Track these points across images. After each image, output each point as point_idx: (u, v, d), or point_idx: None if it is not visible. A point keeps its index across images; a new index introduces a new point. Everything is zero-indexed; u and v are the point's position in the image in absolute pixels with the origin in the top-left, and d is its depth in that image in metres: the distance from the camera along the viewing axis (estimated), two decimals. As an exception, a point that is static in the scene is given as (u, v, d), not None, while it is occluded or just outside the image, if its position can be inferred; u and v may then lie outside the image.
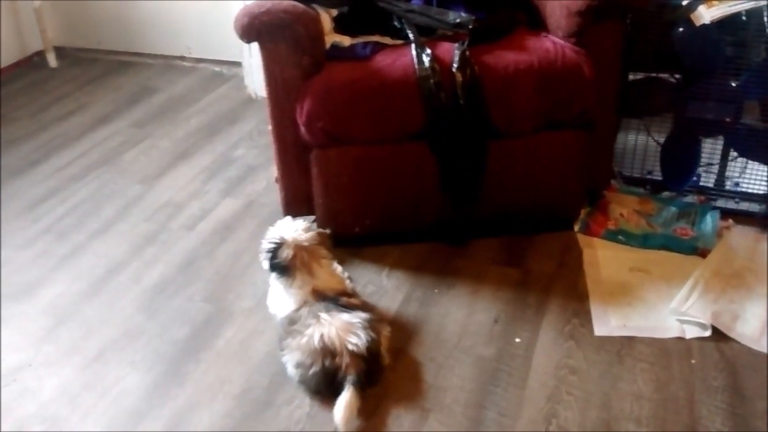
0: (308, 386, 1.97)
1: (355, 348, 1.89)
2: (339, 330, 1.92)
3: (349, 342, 1.89)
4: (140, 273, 2.51)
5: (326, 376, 1.90)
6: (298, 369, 1.96)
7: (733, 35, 2.43)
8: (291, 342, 1.97)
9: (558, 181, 2.50)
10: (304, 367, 1.93)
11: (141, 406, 1.98)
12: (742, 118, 2.51)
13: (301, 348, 1.94)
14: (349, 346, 1.89)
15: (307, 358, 1.92)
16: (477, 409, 1.92)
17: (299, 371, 1.95)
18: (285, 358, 2.00)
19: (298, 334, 1.96)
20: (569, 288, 2.34)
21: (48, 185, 3.10)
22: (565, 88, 2.33)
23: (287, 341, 1.99)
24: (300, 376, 1.96)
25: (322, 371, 1.90)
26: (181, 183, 3.07)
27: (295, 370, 1.97)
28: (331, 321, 1.94)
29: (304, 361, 1.93)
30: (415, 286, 2.38)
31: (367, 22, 2.56)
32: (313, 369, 1.91)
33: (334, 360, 1.89)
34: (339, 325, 1.93)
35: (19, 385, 2.07)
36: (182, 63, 4.32)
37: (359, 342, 1.90)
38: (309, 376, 1.93)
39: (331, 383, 1.89)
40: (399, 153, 2.39)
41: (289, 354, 1.98)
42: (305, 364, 1.93)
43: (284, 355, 2.00)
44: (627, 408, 1.91)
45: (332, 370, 1.89)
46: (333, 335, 1.91)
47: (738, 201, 2.69)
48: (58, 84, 4.14)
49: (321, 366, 1.90)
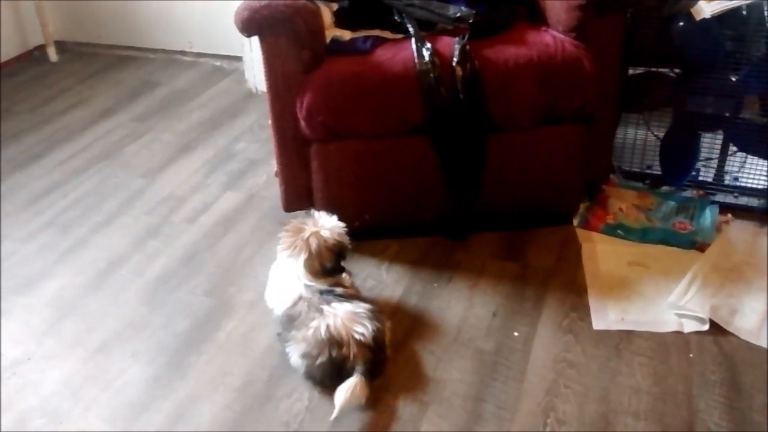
0: (314, 377, 1.98)
1: (362, 338, 1.90)
2: (345, 320, 1.93)
3: (355, 332, 1.90)
4: (142, 266, 2.53)
5: (333, 366, 1.91)
6: (304, 360, 1.97)
7: (733, 30, 2.42)
8: (296, 334, 1.98)
9: (557, 175, 2.50)
10: (311, 357, 1.94)
11: (143, 398, 2.00)
12: (742, 113, 2.51)
13: (307, 339, 1.94)
14: (356, 336, 1.90)
15: (313, 348, 1.93)
16: (476, 402, 1.94)
17: (305, 362, 1.96)
18: (289, 350, 2.01)
19: (303, 326, 1.96)
20: (568, 282, 2.35)
21: (50, 179, 3.11)
22: (565, 82, 2.33)
23: (292, 333, 2.00)
24: (306, 366, 1.97)
25: (329, 361, 1.91)
26: (183, 176, 3.08)
27: (300, 361, 1.98)
28: (335, 312, 1.95)
29: (311, 352, 1.94)
30: (414, 279, 2.39)
31: (367, 16, 2.56)
32: (320, 360, 1.92)
33: (341, 350, 1.90)
34: (344, 316, 1.94)
35: (21, 378, 2.08)
36: (183, 57, 4.33)
37: (365, 332, 1.91)
38: (315, 366, 1.94)
39: (338, 373, 1.90)
40: (399, 147, 2.40)
41: (294, 345, 1.99)
42: (312, 355, 1.94)
43: (288, 346, 2.01)
44: (625, 401, 1.92)
45: (339, 360, 1.90)
46: (339, 325, 1.92)
47: (737, 195, 2.69)
48: (60, 78, 4.15)
49: (328, 356, 1.90)
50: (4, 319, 2.31)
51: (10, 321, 2.30)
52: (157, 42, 4.37)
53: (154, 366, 2.10)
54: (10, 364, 2.13)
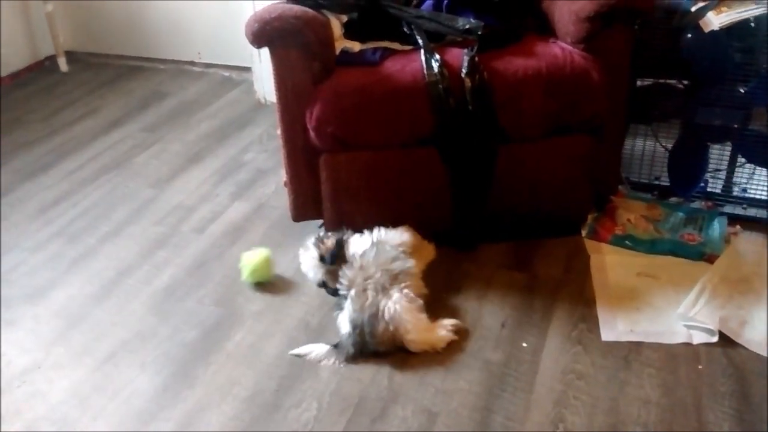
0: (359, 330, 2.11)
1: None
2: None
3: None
4: (151, 276, 2.53)
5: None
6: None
7: (741, 42, 2.43)
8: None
9: (566, 186, 2.50)
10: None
11: (151, 407, 2.00)
12: (750, 125, 2.51)
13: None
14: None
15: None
16: (484, 413, 1.93)
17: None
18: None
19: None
20: (576, 293, 2.35)
21: (60, 188, 3.13)
22: (573, 93, 2.34)
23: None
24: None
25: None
26: (192, 186, 3.09)
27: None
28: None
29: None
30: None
31: (376, 27, 2.57)
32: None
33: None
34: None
35: (30, 387, 2.08)
36: (192, 68, 4.35)
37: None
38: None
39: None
40: (408, 158, 2.40)
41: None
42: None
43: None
44: (634, 413, 1.91)
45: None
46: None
47: (745, 207, 2.69)
48: (70, 88, 4.17)
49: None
50: (14, 329, 2.31)
51: (18, 330, 2.31)
52: (166, 52, 4.40)
53: (162, 376, 2.10)
54: (19, 373, 2.13)
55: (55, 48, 4.38)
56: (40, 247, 2.73)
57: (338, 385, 2.03)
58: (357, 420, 1.92)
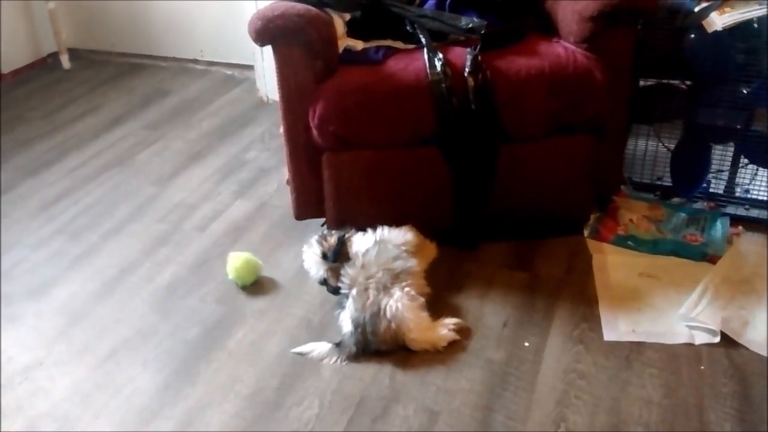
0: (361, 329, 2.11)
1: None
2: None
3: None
4: (153, 273, 2.53)
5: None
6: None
7: (744, 42, 2.43)
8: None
9: (568, 185, 2.50)
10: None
11: (152, 405, 2.00)
12: (753, 126, 2.51)
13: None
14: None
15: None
16: (486, 412, 1.93)
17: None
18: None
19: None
20: (578, 292, 2.35)
21: (62, 185, 3.13)
22: (576, 93, 2.33)
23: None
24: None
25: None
26: (194, 184, 3.09)
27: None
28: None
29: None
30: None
31: (379, 26, 2.57)
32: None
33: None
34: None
35: (32, 384, 2.09)
36: (195, 66, 4.36)
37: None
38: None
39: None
40: (410, 157, 2.40)
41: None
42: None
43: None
44: (636, 413, 1.91)
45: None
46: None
47: (748, 208, 2.69)
48: (72, 85, 4.18)
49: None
50: (15, 326, 2.32)
51: (20, 327, 2.31)
52: (168, 50, 4.40)
53: (164, 373, 2.10)
54: (21, 370, 2.14)
55: (57, 45, 4.39)
56: (42, 244, 2.73)
57: (340, 384, 2.03)
58: (358, 419, 1.92)
